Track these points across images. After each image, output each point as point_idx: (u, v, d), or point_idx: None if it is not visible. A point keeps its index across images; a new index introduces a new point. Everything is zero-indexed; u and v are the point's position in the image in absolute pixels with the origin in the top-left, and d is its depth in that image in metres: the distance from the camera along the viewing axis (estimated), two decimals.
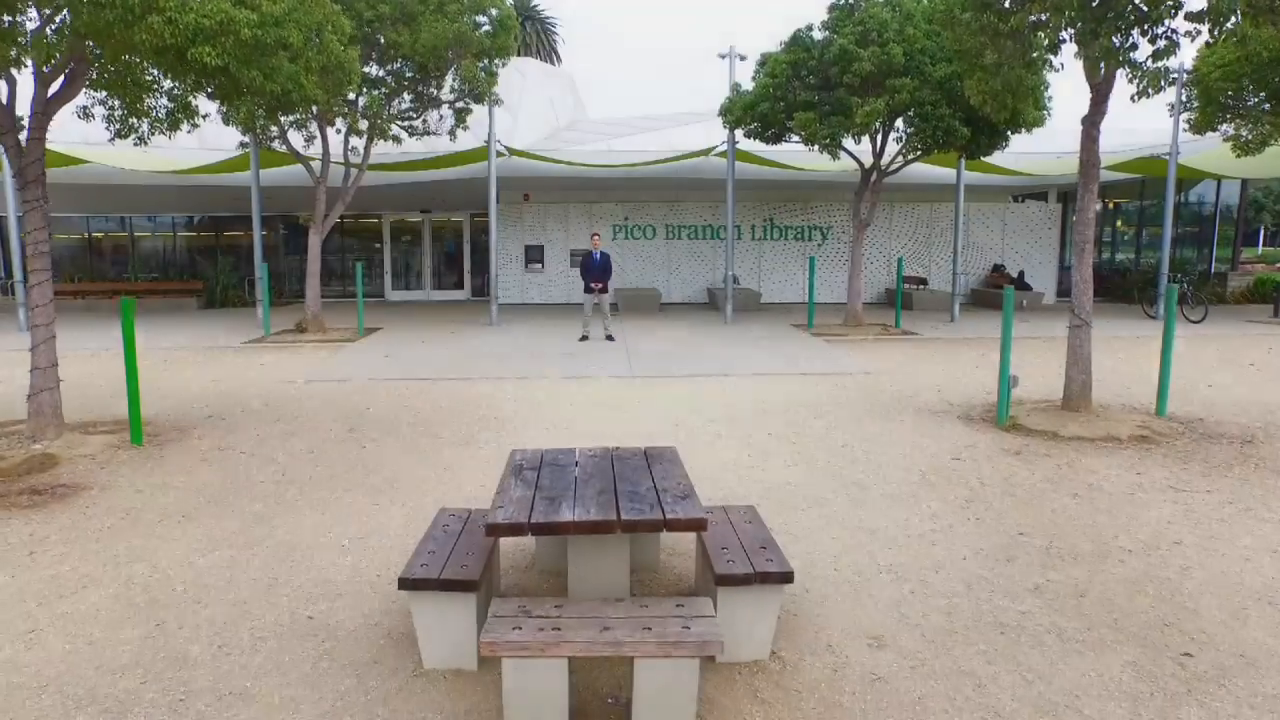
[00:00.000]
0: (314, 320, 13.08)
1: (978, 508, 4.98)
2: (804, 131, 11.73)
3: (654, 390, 8.72)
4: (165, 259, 20.73)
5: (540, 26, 46.25)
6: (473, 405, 7.96)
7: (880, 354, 11.20)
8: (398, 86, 13.11)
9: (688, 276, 19.30)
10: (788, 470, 5.79)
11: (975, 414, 7.48)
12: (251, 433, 6.92)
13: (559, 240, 19.12)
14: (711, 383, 9.13)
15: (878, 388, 8.79)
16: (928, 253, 19.55)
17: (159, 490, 5.35)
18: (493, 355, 11.09)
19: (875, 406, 7.86)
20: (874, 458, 6.09)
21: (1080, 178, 6.98)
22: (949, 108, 10.89)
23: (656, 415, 7.53)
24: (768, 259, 19.29)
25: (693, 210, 19.06)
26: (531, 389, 8.80)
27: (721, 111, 13.00)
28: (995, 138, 11.62)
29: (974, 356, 10.91)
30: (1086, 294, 7.06)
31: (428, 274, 20.69)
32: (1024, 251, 19.62)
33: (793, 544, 4.38)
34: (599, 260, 12.29)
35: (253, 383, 9.24)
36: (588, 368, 10.05)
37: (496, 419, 7.38)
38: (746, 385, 8.97)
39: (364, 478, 5.64)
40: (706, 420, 7.31)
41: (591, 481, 3.30)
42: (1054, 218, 19.64)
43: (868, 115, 10.79)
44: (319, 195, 12.88)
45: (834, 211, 19.15)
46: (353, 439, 6.71)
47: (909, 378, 9.36)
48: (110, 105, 7.12)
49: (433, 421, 7.30)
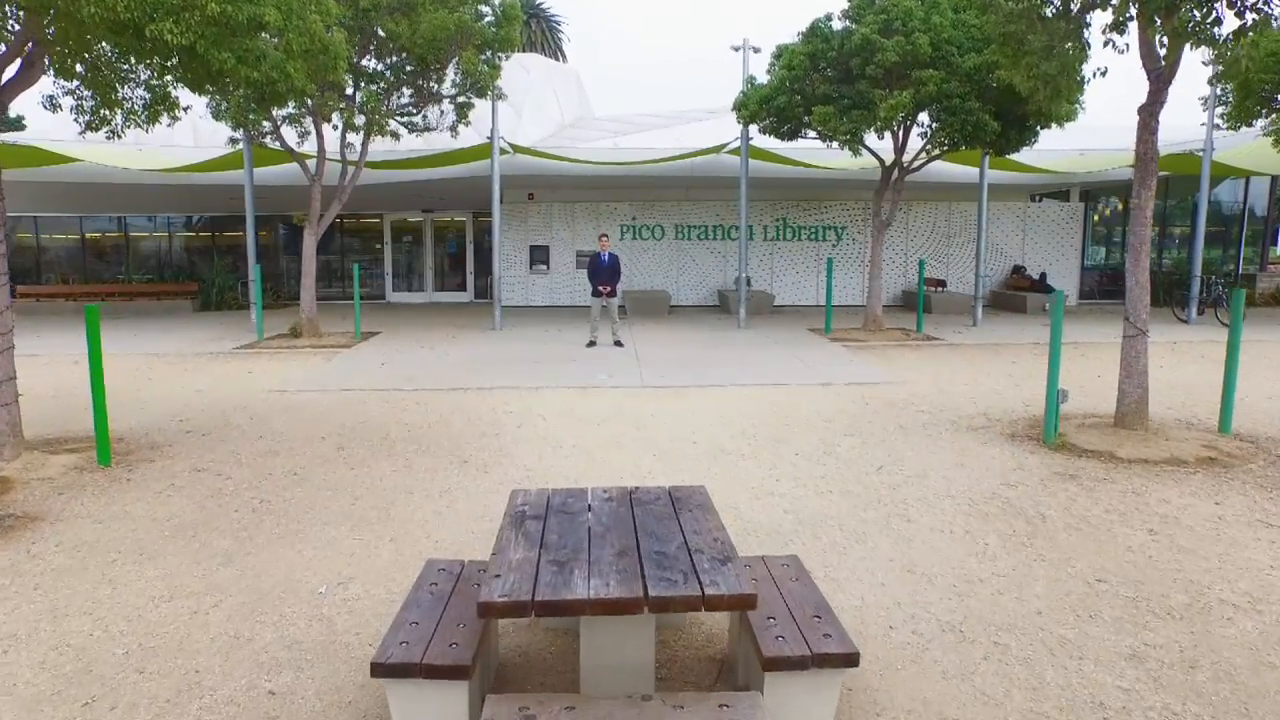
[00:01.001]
0: (309, 324, 12.53)
1: (1041, 545, 4.38)
2: (823, 126, 11.12)
3: (667, 402, 8.13)
4: (161, 260, 20.22)
5: (545, 24, 45.71)
6: (472, 419, 7.39)
7: (904, 361, 10.59)
8: (396, 80, 12.56)
9: (698, 278, 18.71)
10: (822, 498, 5.20)
11: (1018, 430, 6.88)
12: (232, 450, 6.36)
13: (565, 241, 18.55)
14: (728, 393, 8.54)
15: (907, 400, 8.18)
16: (945, 254, 18.92)
17: (120, 521, 4.78)
18: (495, 362, 10.51)
19: (908, 421, 7.26)
20: (915, 482, 5.49)
21: (1136, 172, 6.37)
22: (978, 100, 10.27)
23: (671, 431, 6.94)
24: (780, 260, 18.68)
25: (703, 210, 18.47)
26: (536, 400, 8.22)
27: (736, 106, 12.41)
28: (1024, 133, 11.00)
29: (1004, 364, 10.29)
30: (1143, 300, 6.44)
31: (430, 275, 20.14)
32: (1044, 252, 18.98)
33: (836, 593, 3.79)
34: (607, 262, 11.71)
35: (239, 392, 8.68)
36: (595, 376, 9.47)
37: (498, 436, 6.81)
38: (766, 396, 8.37)
39: (350, 506, 5.07)
40: (727, 437, 6.71)
41: (609, 537, 2.71)
42: (1075, 217, 18.99)
43: (892, 109, 10.19)
44: (314, 194, 12.33)
45: (849, 211, 18.54)
46: (341, 458, 6.14)
47: (939, 388, 8.76)
48: (79, 95, 6.57)
49: (428, 438, 6.72)
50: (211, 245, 20.14)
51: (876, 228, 12.97)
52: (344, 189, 12.59)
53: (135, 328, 14.62)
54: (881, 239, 12.98)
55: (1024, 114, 10.60)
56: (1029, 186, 19.77)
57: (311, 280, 12.54)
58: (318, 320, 12.71)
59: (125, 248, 20.07)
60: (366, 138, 12.41)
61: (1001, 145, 10.87)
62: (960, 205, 18.70)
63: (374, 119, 11.78)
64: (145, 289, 18.06)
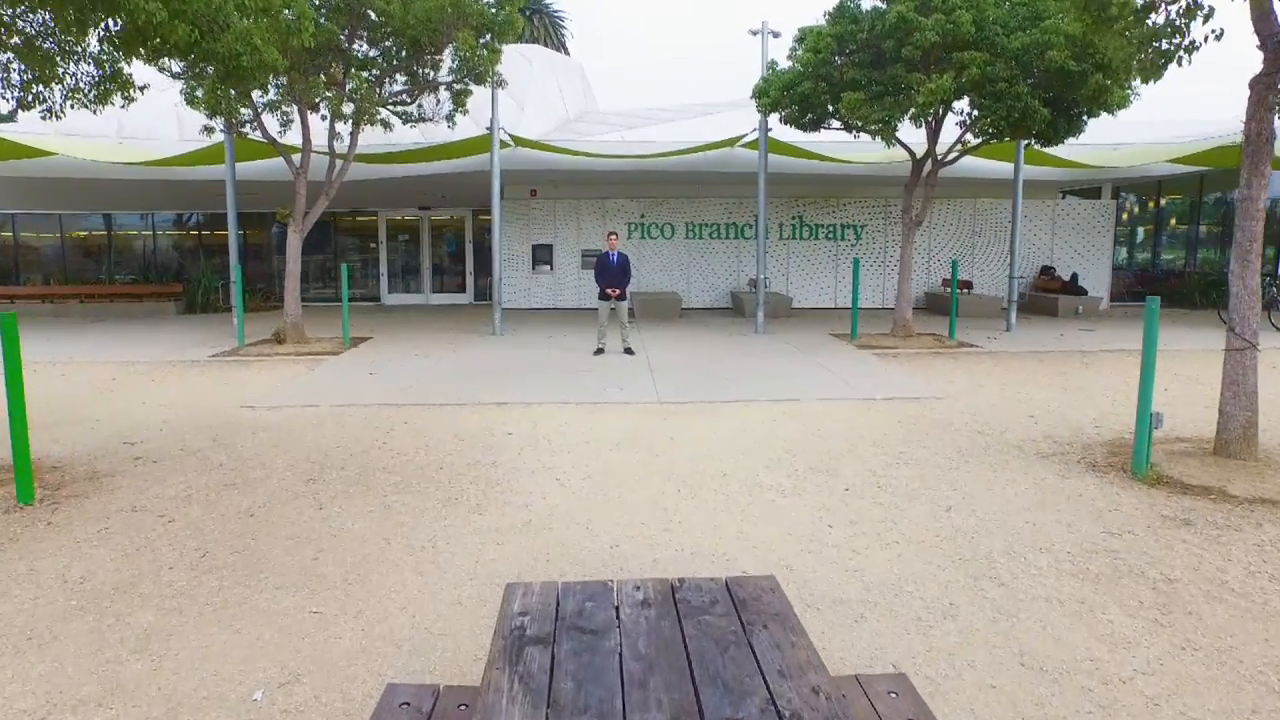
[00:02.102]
0: (293, 329, 11.60)
1: (1184, 624, 3.43)
2: (852, 115, 10.17)
3: (688, 421, 7.18)
4: (146, 260, 19.31)
5: (548, 20, 44.78)
6: (465, 443, 6.45)
7: (943, 372, 9.64)
8: (389, 66, 11.63)
9: (710, 279, 17.75)
10: (888, 551, 4.25)
11: (1097, 458, 5.93)
12: (184, 483, 5.43)
13: (569, 239, 17.61)
14: (755, 411, 7.60)
15: (958, 418, 7.23)
16: (970, 253, 17.96)
17: (20, 585, 3.85)
18: (494, 373, 9.58)
19: (966, 445, 6.31)
20: (997, 529, 4.54)
21: (1246, 158, 5.42)
22: (1026, 84, 9.31)
23: (695, 458, 6.00)
24: (797, 260, 17.72)
25: (715, 207, 17.51)
26: (539, 419, 7.28)
27: (755, 93, 11.46)
28: (1073, 122, 10.04)
29: (1052, 376, 9.34)
30: (1252, 308, 5.50)
31: (427, 276, 19.22)
32: (1075, 252, 18.01)
33: (935, 698, 2.85)
34: (616, 262, 10.77)
35: (207, 408, 7.76)
36: (605, 389, 8.53)
37: (495, 464, 5.87)
38: (798, 414, 7.43)
39: (311, 562, 4.14)
40: (761, 467, 5.77)
41: (652, 684, 1.77)
42: (1107, 215, 18.01)
43: (932, 94, 9.23)
44: (298, 189, 11.40)
45: (869, 208, 17.58)
46: (309, 495, 5.21)
47: (990, 404, 7.81)
48: (5, 68, 5.65)
49: (414, 467, 5.79)
50: (198, 244, 19.24)
51: (906, 226, 12.02)
52: (331, 184, 11.66)
53: (110, 332, 13.71)
54: (912, 238, 12.03)
55: (1074, 100, 9.65)
56: (1058, 183, 18.82)
57: (296, 282, 11.62)
58: (303, 325, 11.79)
59: (108, 247, 19.17)
60: (356, 128, 11.49)
61: (1049, 134, 9.91)
62: (986, 202, 17.74)
63: (363, 107, 10.85)
64: (127, 290, 17.14)
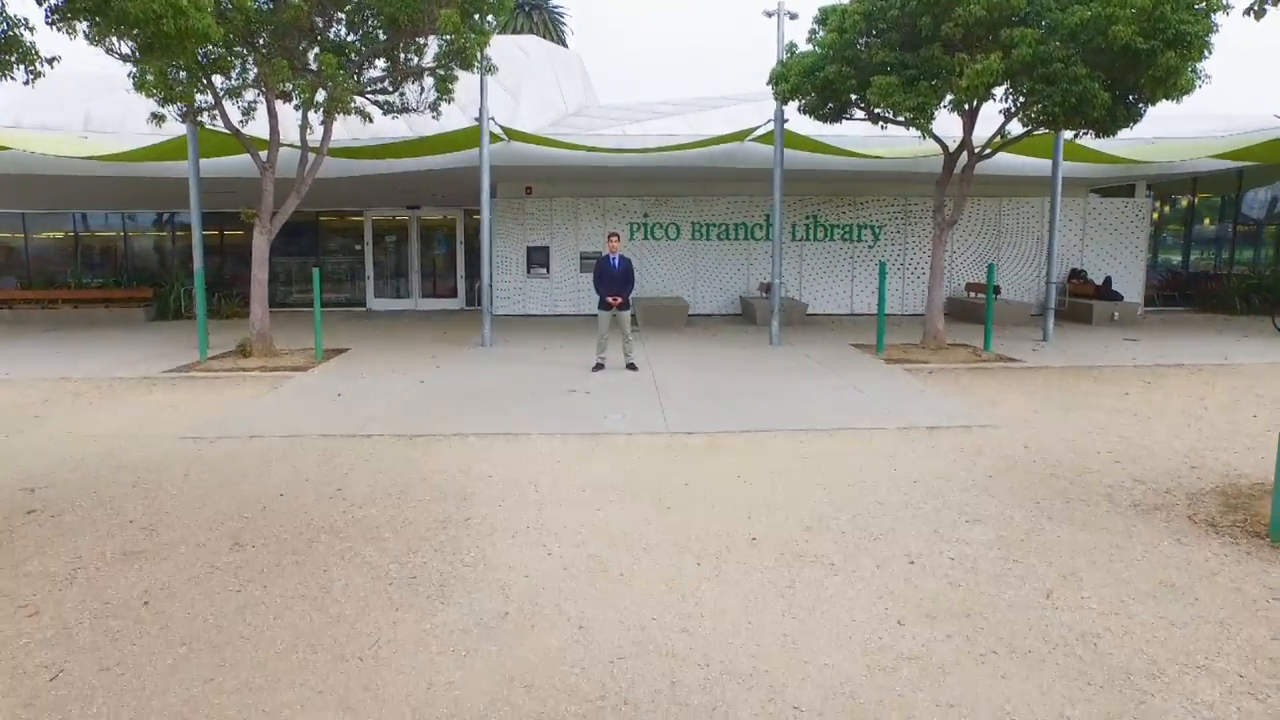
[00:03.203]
0: (260, 341, 10.48)
1: None
2: (883, 102, 9.04)
3: (704, 460, 6.05)
4: (118, 263, 18.20)
5: (547, 16, 43.72)
6: (435, 491, 5.33)
7: (988, 392, 8.51)
8: (368, 50, 10.51)
9: (718, 283, 16.62)
10: (985, 668, 3.12)
11: (1212, 512, 4.80)
12: (74, 550, 4.31)
13: (567, 241, 16.48)
14: (782, 444, 6.47)
15: (1022, 454, 6.10)
16: (995, 256, 16.83)
17: None
18: (478, 393, 8.45)
19: (1043, 494, 5.18)
20: (1123, 631, 3.41)
21: None
22: (1084, 65, 8.18)
23: (717, 514, 4.87)
24: (810, 263, 16.59)
25: (724, 206, 16.38)
26: (525, 456, 6.15)
27: (773, 79, 10.33)
28: (1132, 108, 8.90)
29: (1114, 398, 8.20)
30: None
31: (416, 280, 18.10)
32: (1106, 254, 16.87)
33: None
34: (618, 266, 9.63)
35: (143, 438, 6.64)
36: (605, 417, 7.41)
37: (467, 522, 4.74)
38: (833, 449, 6.30)
39: (201, 688, 3.01)
40: (799, 527, 4.64)
41: None
42: (1142, 215, 16.87)
43: (979, 76, 8.10)
44: (265, 185, 10.28)
45: (887, 207, 16.45)
46: (229, 568, 4.09)
47: (1057, 434, 6.67)
48: None
49: (367, 526, 4.66)
50: (174, 246, 18.12)
51: (938, 226, 10.89)
52: (303, 180, 10.55)
53: (65, 342, 12.60)
54: (944, 240, 10.89)
55: (1133, 85, 8.51)
56: (1087, 180, 17.65)
57: (263, 289, 10.49)
58: (271, 336, 10.66)
59: (75, 249, 18.06)
60: (329, 118, 10.37)
61: (1106, 124, 8.77)
62: (1013, 201, 16.62)
63: (337, 95, 9.73)
64: (93, 295, 16.03)
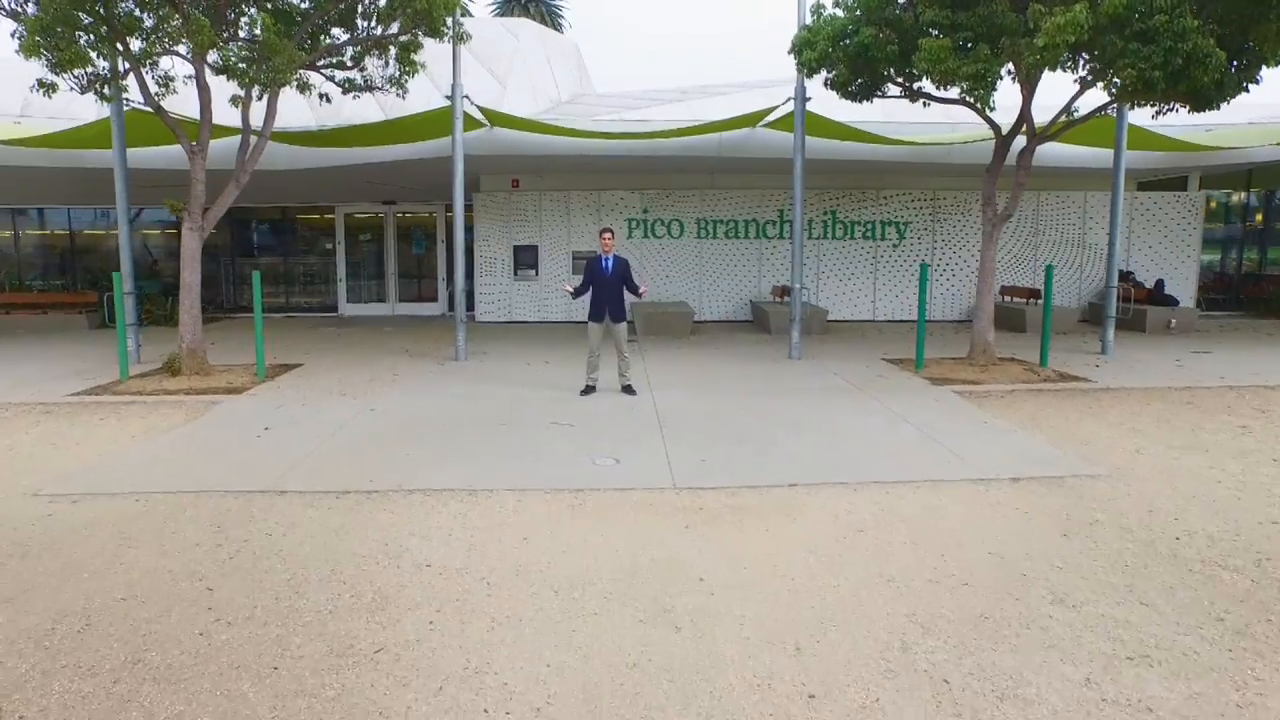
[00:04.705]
0: (190, 356, 8.87)
1: None
2: (934, 71, 7.45)
3: (724, 534, 4.45)
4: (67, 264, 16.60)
5: (544, 7, 42.18)
6: (345, 590, 3.71)
7: (1065, 422, 6.90)
8: (317, 15, 8.93)
9: (726, 287, 15.00)
10: None
11: None
12: None
13: (558, 239, 14.87)
14: (826, 505, 4.86)
15: (1157, 524, 4.50)
16: (1031, 255, 15.23)
17: None
18: (438, 426, 6.85)
19: (1220, 598, 3.58)
20: None
21: None
22: (1194, 18, 6.57)
23: (748, 641, 3.26)
24: (829, 264, 14.98)
25: (733, 200, 14.77)
26: (482, 526, 4.55)
27: (796, 47, 8.73)
28: (1242, 73, 7.29)
29: (1232, 432, 6.59)
30: None
31: (393, 282, 16.48)
32: (1154, 254, 15.27)
33: None
34: (612, 270, 8.02)
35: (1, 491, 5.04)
36: (594, 461, 5.80)
37: (376, 656, 3.12)
38: (895, 515, 4.69)
39: None
40: (876, 669, 3.02)
41: None
42: (1194, 211, 15.26)
43: (1060, 31, 6.49)
44: (194, 173, 8.68)
45: (914, 202, 14.85)
46: None
47: (1186, 491, 5.06)
48: None
49: (225, 659, 3.05)
50: None
51: (988, 220, 9.29)
52: (243, 167, 8.95)
53: None
54: (995, 237, 9.30)
55: (1249, 42, 6.92)
56: (1136, 172, 16.01)
57: (194, 296, 8.87)
58: (203, 351, 9.04)
59: (14, 247, 16.45)
60: (272, 94, 8.79)
61: (1212, 93, 7.15)
62: (1050, 195, 15.03)
63: (278, 64, 8.11)
64: (30, 300, 14.41)
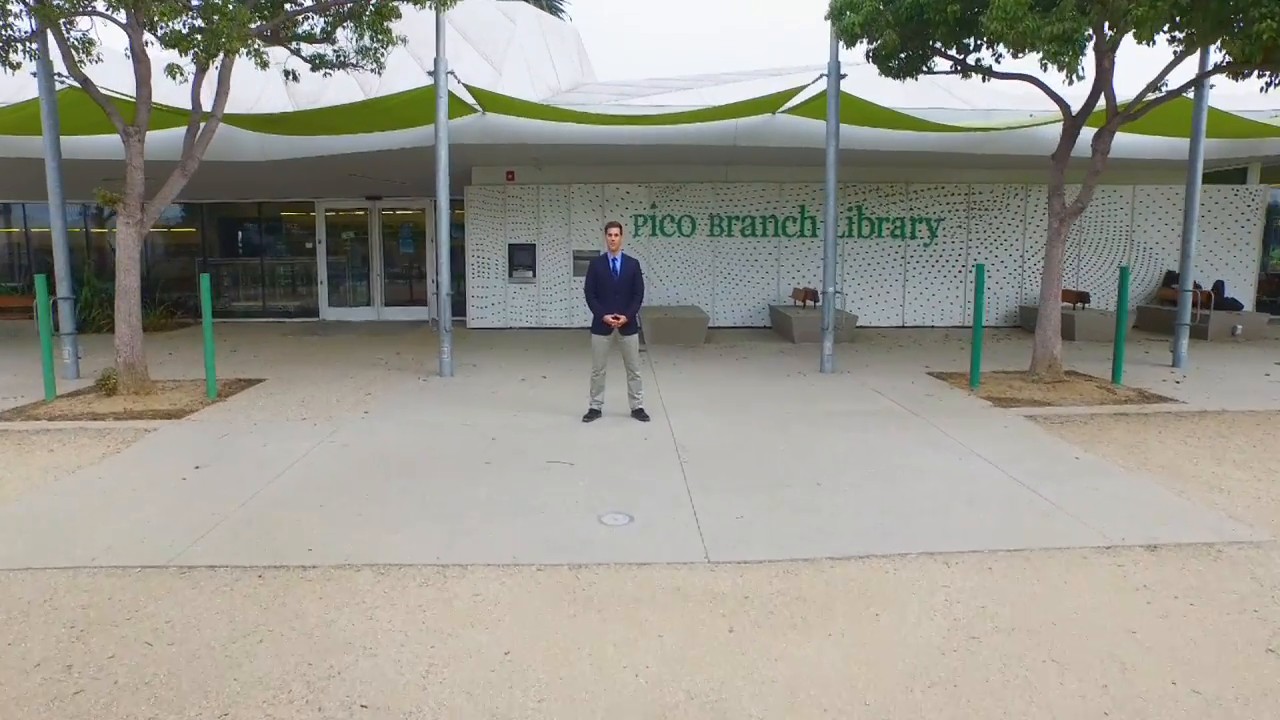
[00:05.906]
0: (128, 372, 7.60)
1: None
2: (1009, 34, 6.18)
3: (780, 642, 3.16)
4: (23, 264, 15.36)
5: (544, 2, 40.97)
6: None
7: (1173, 456, 5.61)
8: None
9: (743, 290, 13.72)
10: None
11: None
12: None
13: (558, 238, 13.60)
14: (904, 589, 3.57)
15: None
16: (1074, 255, 13.94)
17: None
18: (406, 466, 5.57)
19: None
20: None
21: None
22: None
23: None
24: (854, 264, 13.70)
25: (749, 194, 13.50)
26: (444, 630, 3.27)
27: (835, 10, 7.46)
28: None
29: None
30: None
31: (378, 285, 15.23)
32: (1211, 253, 13.97)
33: None
34: (620, 272, 6.74)
35: None
36: (599, 520, 4.52)
37: None
38: (1005, 604, 3.40)
39: None
40: None
41: None
42: (1255, 207, 13.96)
43: None
44: (130, 159, 7.42)
45: (946, 197, 13.58)
46: None
47: None
48: None
49: None
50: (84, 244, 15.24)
51: (1055, 215, 8.04)
52: (190, 154, 7.69)
53: None
54: (1064, 234, 8.04)
55: None
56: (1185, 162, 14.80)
57: (133, 300, 7.60)
58: (144, 365, 7.76)
59: None
60: (224, 66, 7.54)
61: None
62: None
63: (222, 28, 6.85)
64: None
